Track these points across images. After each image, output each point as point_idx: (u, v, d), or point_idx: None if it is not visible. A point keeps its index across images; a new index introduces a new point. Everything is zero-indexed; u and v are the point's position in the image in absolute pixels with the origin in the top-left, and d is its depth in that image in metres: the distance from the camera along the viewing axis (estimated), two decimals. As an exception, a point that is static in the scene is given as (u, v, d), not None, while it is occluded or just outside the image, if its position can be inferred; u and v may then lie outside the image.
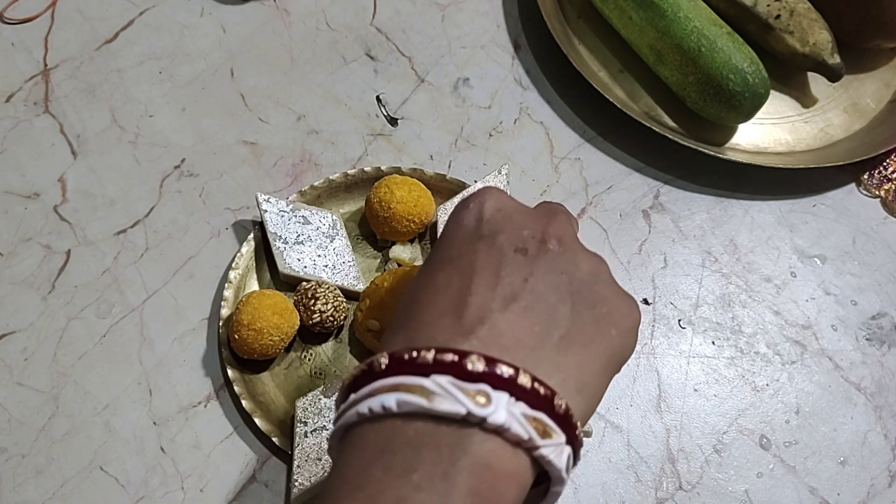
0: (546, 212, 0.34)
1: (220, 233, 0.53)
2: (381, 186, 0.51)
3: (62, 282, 0.50)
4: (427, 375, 0.27)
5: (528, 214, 0.34)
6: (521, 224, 0.33)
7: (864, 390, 0.52)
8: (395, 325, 0.32)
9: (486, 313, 0.30)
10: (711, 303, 0.54)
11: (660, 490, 0.47)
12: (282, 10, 0.64)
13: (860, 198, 0.60)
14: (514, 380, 0.27)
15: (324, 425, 0.43)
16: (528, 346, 0.29)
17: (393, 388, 0.27)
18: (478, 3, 0.66)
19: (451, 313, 0.30)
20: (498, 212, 0.34)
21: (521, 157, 0.58)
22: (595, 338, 0.31)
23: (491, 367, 0.27)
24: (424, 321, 0.30)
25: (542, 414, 0.27)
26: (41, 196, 0.53)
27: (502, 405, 0.26)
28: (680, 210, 0.57)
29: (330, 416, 0.44)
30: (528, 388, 0.27)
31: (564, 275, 0.32)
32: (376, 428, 0.27)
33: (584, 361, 0.30)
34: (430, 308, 0.31)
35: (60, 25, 0.61)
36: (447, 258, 0.33)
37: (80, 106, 0.57)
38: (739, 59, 0.56)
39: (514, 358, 0.28)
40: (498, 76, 0.62)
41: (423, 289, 0.32)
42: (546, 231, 0.33)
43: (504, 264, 0.31)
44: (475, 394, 0.26)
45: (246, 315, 0.45)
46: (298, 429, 0.43)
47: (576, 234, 0.34)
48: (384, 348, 0.30)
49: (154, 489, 0.44)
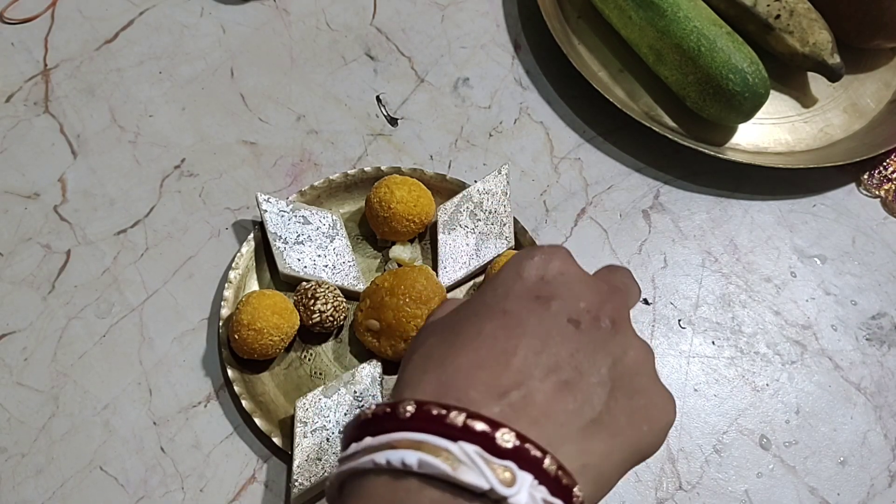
0: (607, 284, 0.34)
1: (220, 233, 0.53)
2: (381, 186, 0.51)
3: (62, 282, 0.50)
4: (454, 440, 0.26)
5: (589, 285, 0.33)
6: (579, 294, 0.32)
7: (864, 390, 0.52)
8: (428, 356, 0.31)
9: (525, 378, 0.29)
10: (711, 303, 0.54)
11: (660, 490, 0.47)
12: (282, 9, 0.64)
13: (860, 198, 0.60)
14: (540, 462, 0.26)
15: (324, 425, 0.43)
16: (557, 422, 0.28)
17: (416, 446, 0.26)
18: (478, 2, 0.66)
19: (491, 369, 0.29)
20: (560, 275, 0.33)
21: (521, 157, 0.58)
22: (626, 429, 0.30)
23: (521, 445, 0.26)
24: (461, 368, 0.29)
25: (559, 502, 0.26)
26: (41, 196, 0.53)
27: (525, 487, 0.25)
28: (680, 210, 0.57)
29: (330, 415, 0.44)
30: (552, 475, 0.26)
31: (610, 357, 0.31)
32: (390, 485, 0.26)
33: (608, 451, 0.29)
34: (470, 355, 0.30)
35: (60, 25, 0.61)
36: (499, 310, 0.31)
37: (80, 106, 0.57)
38: (739, 59, 0.56)
39: (542, 433, 0.27)
40: (498, 76, 0.62)
41: (468, 331, 0.31)
42: (602, 307, 0.32)
43: (554, 333, 0.30)
44: (502, 470, 0.25)
45: (246, 315, 0.45)
46: (299, 429, 0.43)
47: (629, 315, 0.34)
48: (411, 381, 0.29)
49: (154, 489, 0.44)
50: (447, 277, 0.50)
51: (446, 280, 0.50)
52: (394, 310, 0.46)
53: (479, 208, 0.52)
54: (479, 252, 0.51)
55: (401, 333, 0.46)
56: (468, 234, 0.52)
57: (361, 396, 0.45)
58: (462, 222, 0.52)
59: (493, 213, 0.52)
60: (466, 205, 0.52)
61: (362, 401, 0.45)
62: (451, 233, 0.52)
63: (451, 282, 0.50)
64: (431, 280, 0.47)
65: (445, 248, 0.51)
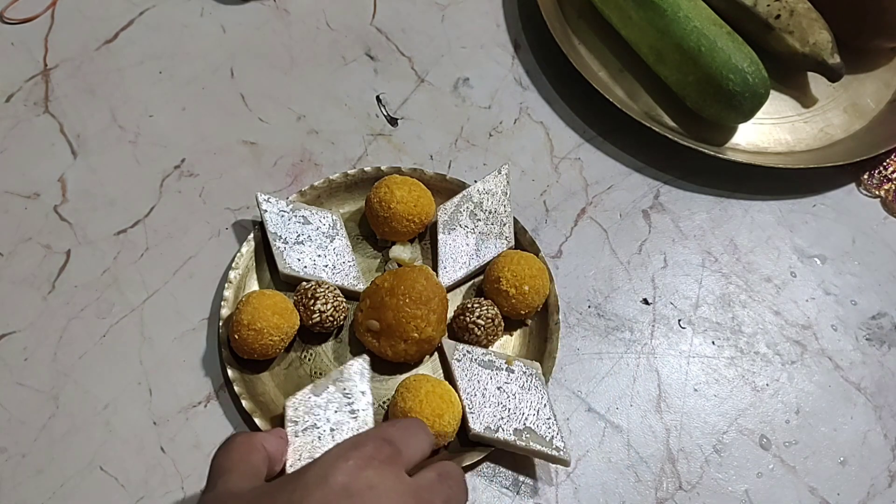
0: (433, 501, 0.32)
1: (220, 232, 0.53)
2: (381, 186, 0.51)
3: (62, 281, 0.50)
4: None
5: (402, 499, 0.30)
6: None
7: (864, 390, 0.52)
8: None
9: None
10: (711, 303, 0.54)
11: (660, 490, 0.47)
12: (282, 9, 0.64)
13: (860, 198, 0.60)
14: None
15: (314, 423, 0.43)
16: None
17: None
18: (478, 2, 0.66)
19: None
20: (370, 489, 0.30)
21: (520, 157, 0.58)
22: None
23: None
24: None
25: None
26: (41, 196, 0.53)
27: None
28: (680, 210, 0.57)
29: (320, 413, 0.44)
30: None
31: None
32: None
33: None
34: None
35: (60, 25, 0.61)
36: None
37: (80, 106, 0.57)
38: (739, 59, 0.56)
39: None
40: (498, 76, 0.62)
41: None
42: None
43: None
44: None
45: (246, 315, 0.45)
46: (289, 428, 0.43)
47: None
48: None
49: (154, 489, 0.44)
50: (447, 277, 0.50)
51: (446, 280, 0.50)
52: (394, 310, 0.46)
53: (479, 208, 0.52)
54: (480, 252, 0.51)
55: (401, 333, 0.46)
56: (468, 234, 0.52)
57: (350, 393, 0.45)
58: (462, 222, 0.52)
59: (494, 213, 0.52)
60: (466, 205, 0.52)
61: (352, 398, 0.45)
62: (451, 233, 0.52)
63: (451, 282, 0.50)
64: (431, 280, 0.47)
65: (445, 248, 0.51)
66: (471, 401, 0.46)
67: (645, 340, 0.52)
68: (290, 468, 0.42)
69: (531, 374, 0.47)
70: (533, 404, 0.46)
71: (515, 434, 0.44)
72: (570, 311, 0.52)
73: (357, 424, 0.44)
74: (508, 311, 0.49)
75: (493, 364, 0.47)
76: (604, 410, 0.49)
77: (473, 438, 0.45)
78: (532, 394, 0.46)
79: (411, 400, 0.43)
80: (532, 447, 0.44)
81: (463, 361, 0.47)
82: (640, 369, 0.51)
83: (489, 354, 0.47)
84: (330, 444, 0.43)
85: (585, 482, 0.47)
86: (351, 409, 0.44)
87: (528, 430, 0.45)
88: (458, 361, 0.47)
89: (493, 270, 0.50)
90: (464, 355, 0.47)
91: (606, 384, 0.50)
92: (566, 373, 0.50)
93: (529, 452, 0.45)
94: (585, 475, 0.47)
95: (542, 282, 0.49)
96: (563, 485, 0.46)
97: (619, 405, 0.49)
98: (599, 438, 0.48)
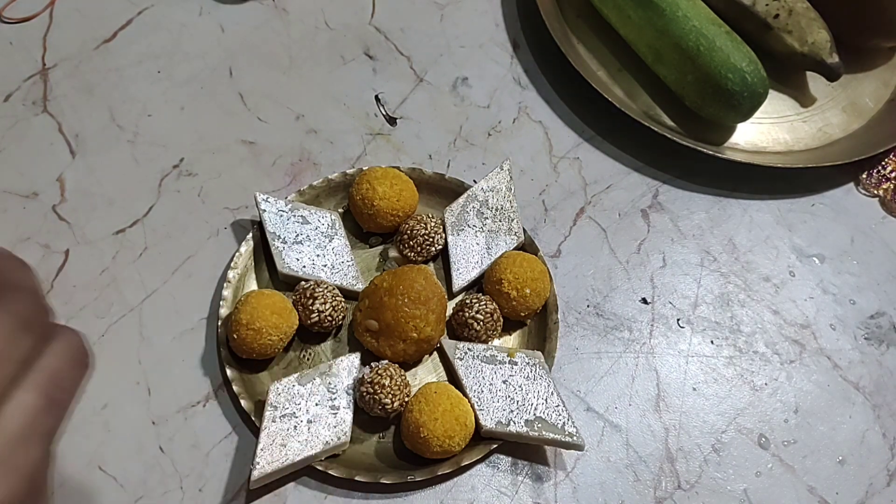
0: None
1: (219, 232, 0.53)
2: (362, 182, 0.51)
3: (61, 281, 0.50)
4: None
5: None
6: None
7: (863, 389, 0.52)
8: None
9: None
10: (710, 302, 0.54)
11: (658, 489, 0.47)
12: (280, 9, 0.64)
13: (859, 197, 0.60)
14: None
15: (293, 412, 0.44)
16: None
17: None
18: (476, 2, 0.66)
19: None
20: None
21: (519, 157, 0.58)
22: None
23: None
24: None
25: None
26: (40, 195, 0.53)
27: None
28: (679, 209, 0.58)
29: (301, 403, 0.44)
30: None
31: None
32: None
33: None
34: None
35: (59, 25, 0.61)
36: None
37: (79, 105, 0.57)
38: (738, 59, 0.56)
39: None
40: (497, 75, 0.62)
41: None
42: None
43: None
44: None
45: (245, 314, 0.45)
46: (268, 412, 0.44)
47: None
48: None
49: (153, 489, 0.44)
50: (461, 279, 0.50)
51: (460, 281, 0.50)
52: (392, 310, 0.46)
53: (485, 206, 0.52)
54: (490, 250, 0.51)
55: (399, 333, 0.46)
56: (477, 233, 0.52)
57: (335, 389, 0.45)
58: (470, 222, 0.52)
59: (500, 210, 0.52)
60: (472, 204, 0.52)
61: (335, 394, 0.45)
62: (460, 234, 0.52)
63: (465, 283, 0.50)
64: (430, 280, 0.47)
65: (456, 250, 0.51)
66: (479, 398, 0.46)
67: (644, 340, 0.52)
68: (260, 451, 0.42)
69: (535, 364, 0.47)
70: (540, 394, 0.46)
71: (528, 425, 0.45)
72: (568, 311, 0.52)
73: (335, 421, 0.44)
74: (508, 312, 0.49)
75: (495, 359, 0.47)
76: (602, 410, 0.49)
77: (486, 434, 0.45)
78: (538, 383, 0.46)
79: (427, 415, 0.43)
80: (545, 436, 0.44)
81: (465, 359, 0.47)
82: (639, 369, 0.51)
83: (490, 349, 0.47)
84: (305, 434, 0.43)
85: (584, 481, 0.47)
86: (332, 406, 0.44)
87: (539, 420, 0.45)
88: (461, 360, 0.47)
89: (494, 272, 0.49)
90: (465, 353, 0.47)
91: (605, 383, 0.50)
92: (565, 372, 0.50)
93: (543, 441, 0.45)
94: (584, 474, 0.47)
95: (544, 284, 0.49)
96: (561, 484, 0.46)
97: (617, 404, 0.49)
98: (598, 438, 0.48)
